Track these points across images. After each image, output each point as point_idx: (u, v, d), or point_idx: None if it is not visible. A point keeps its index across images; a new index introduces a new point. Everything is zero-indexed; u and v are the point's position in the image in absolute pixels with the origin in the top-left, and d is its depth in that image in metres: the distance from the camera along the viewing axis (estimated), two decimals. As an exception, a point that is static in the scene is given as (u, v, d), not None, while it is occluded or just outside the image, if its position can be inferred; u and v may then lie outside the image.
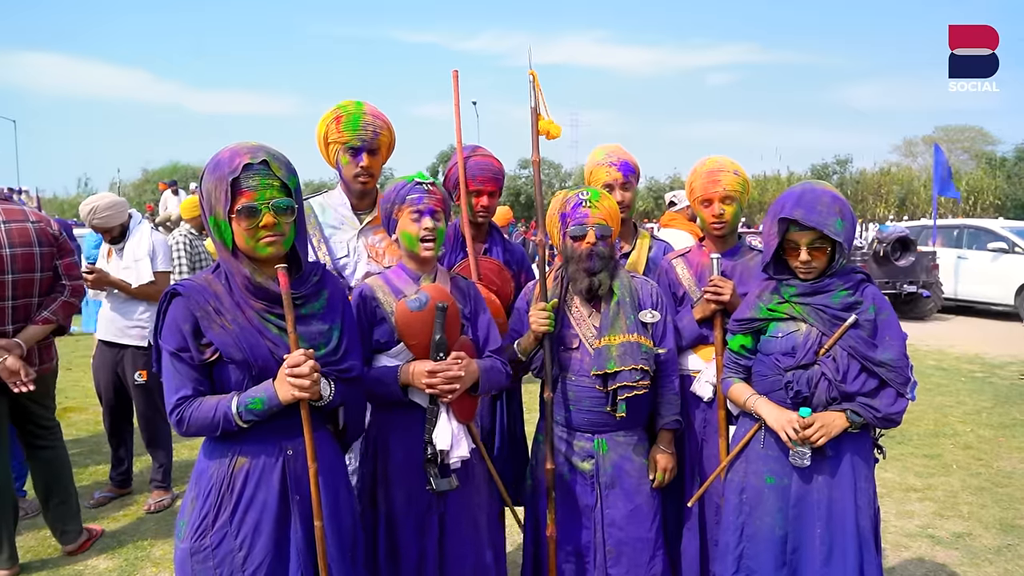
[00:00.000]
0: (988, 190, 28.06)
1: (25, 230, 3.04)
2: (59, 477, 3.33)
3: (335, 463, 1.85)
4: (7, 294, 2.98)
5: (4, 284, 2.96)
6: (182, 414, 1.66)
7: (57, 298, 3.13)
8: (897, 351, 1.99)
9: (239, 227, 1.65)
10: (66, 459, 3.40)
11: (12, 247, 2.98)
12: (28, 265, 3.02)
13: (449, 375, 1.97)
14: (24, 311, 3.05)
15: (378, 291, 2.13)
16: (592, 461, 2.30)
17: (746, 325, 2.17)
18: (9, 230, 3.00)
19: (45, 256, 3.08)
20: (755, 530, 2.10)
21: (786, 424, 2.00)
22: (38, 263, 3.05)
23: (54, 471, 3.32)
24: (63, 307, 3.13)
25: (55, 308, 3.11)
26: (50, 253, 3.10)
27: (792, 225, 2.01)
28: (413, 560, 2.06)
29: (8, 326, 3.01)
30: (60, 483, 3.33)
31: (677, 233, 4.02)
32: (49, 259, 3.10)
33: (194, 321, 1.66)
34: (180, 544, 1.72)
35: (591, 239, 2.26)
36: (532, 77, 2.38)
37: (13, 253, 2.98)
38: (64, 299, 3.14)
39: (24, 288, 3.02)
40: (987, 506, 4.00)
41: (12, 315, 3.02)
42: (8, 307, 3.00)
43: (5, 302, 2.99)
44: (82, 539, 3.42)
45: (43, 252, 3.07)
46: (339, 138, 2.39)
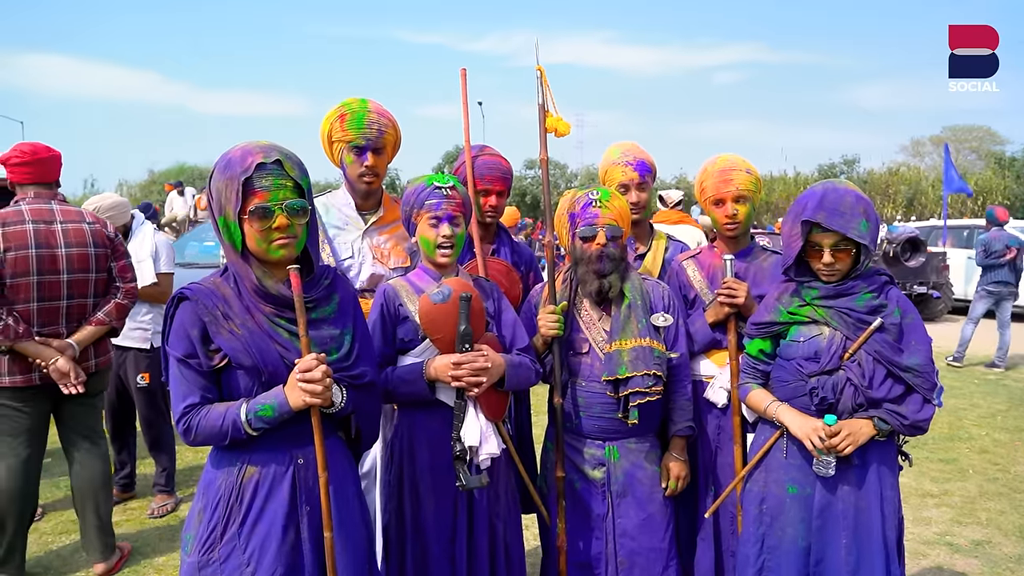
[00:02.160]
0: (997, 190, 27.87)
1: (81, 231, 3.05)
2: (93, 491, 3.19)
3: (347, 472, 1.79)
4: (62, 294, 2.99)
5: (60, 284, 2.98)
6: (189, 422, 1.60)
7: (111, 300, 3.14)
8: (924, 356, 1.92)
9: (251, 229, 1.60)
10: (104, 470, 3.26)
11: (68, 247, 2.99)
12: (83, 265, 3.03)
13: (475, 366, 1.94)
14: (79, 311, 3.06)
15: (401, 291, 2.11)
16: (603, 469, 2.24)
17: (765, 329, 2.10)
18: (66, 230, 3.01)
19: (100, 257, 3.10)
20: (777, 542, 2.03)
21: (812, 432, 1.92)
22: (93, 264, 3.07)
23: (88, 483, 3.19)
24: (116, 308, 3.14)
25: (109, 309, 3.12)
26: (104, 254, 3.12)
27: (815, 227, 1.94)
28: (446, 571, 2.03)
29: (63, 326, 3.02)
30: (93, 497, 3.19)
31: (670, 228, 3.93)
32: (104, 260, 3.12)
33: (202, 326, 1.60)
34: (187, 558, 1.65)
35: (601, 240, 2.19)
36: (539, 73, 2.33)
37: (69, 253, 2.99)
38: (117, 300, 3.15)
39: (79, 288, 3.04)
40: (1006, 512, 3.92)
41: (67, 315, 3.02)
42: (63, 307, 3.01)
43: (60, 302, 3.00)
44: (115, 557, 3.29)
45: (98, 253, 3.09)
46: (343, 136, 2.33)
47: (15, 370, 2.92)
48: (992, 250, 7.79)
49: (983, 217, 9.19)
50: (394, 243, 2.49)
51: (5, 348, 2.85)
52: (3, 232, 2.86)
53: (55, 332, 2.99)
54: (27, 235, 2.90)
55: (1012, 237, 7.81)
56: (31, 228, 2.92)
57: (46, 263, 2.93)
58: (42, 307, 2.95)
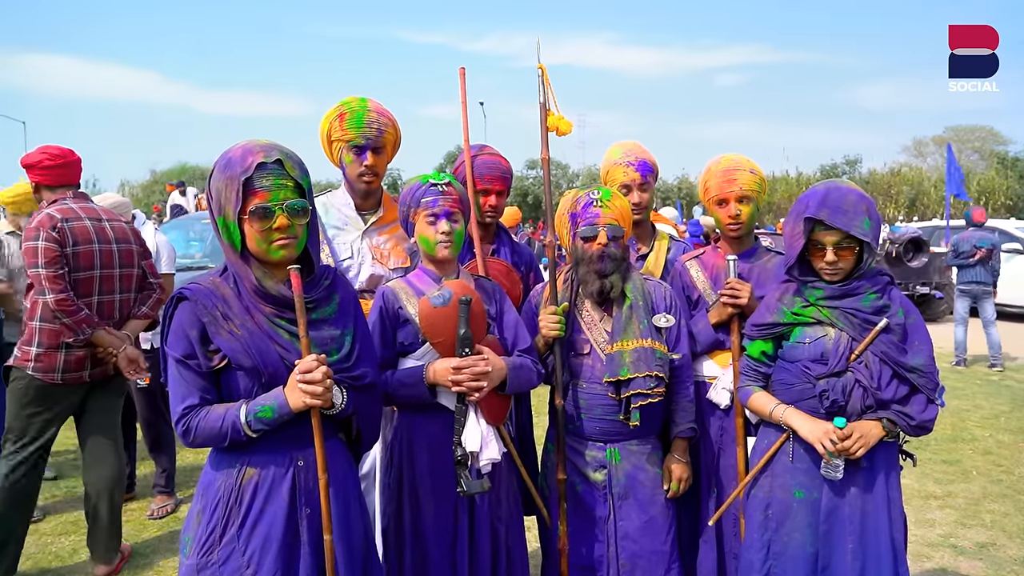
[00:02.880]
0: (1000, 191, 27.83)
1: (123, 228, 3.19)
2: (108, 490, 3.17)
3: (347, 474, 1.77)
4: (116, 287, 3.13)
5: (113, 278, 3.11)
6: (188, 424, 1.58)
7: (151, 295, 3.28)
8: (927, 356, 1.91)
9: (251, 229, 1.58)
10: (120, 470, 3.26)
11: (119, 243, 3.13)
12: (130, 261, 3.18)
13: (476, 371, 1.92)
14: (125, 306, 3.19)
15: (401, 293, 2.09)
16: (605, 471, 2.22)
17: (767, 330, 2.08)
18: (114, 227, 3.14)
19: (139, 254, 3.25)
20: (783, 547, 2.01)
21: (823, 436, 1.90)
22: (136, 259, 3.22)
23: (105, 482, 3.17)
24: (158, 303, 3.28)
25: (152, 303, 3.27)
26: (141, 251, 3.27)
27: (817, 225, 1.93)
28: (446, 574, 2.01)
29: (117, 318, 3.15)
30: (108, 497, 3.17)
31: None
32: (140, 257, 3.26)
33: (201, 327, 1.58)
34: (186, 560, 1.64)
35: (602, 240, 2.17)
36: (541, 71, 2.31)
37: (120, 249, 3.13)
38: (158, 296, 3.29)
39: (126, 283, 3.18)
40: (1010, 514, 3.89)
41: (120, 309, 3.16)
42: (117, 300, 3.15)
43: (115, 295, 3.14)
44: (116, 561, 3.27)
45: (137, 250, 3.24)
46: (343, 136, 2.31)
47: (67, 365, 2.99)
48: (960, 251, 7.95)
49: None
50: (394, 243, 2.47)
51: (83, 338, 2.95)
52: (70, 228, 2.95)
53: (113, 326, 3.11)
54: (88, 231, 3.01)
55: (982, 238, 7.92)
56: (90, 224, 3.03)
57: (104, 258, 3.06)
58: (102, 300, 3.08)
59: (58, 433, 3.16)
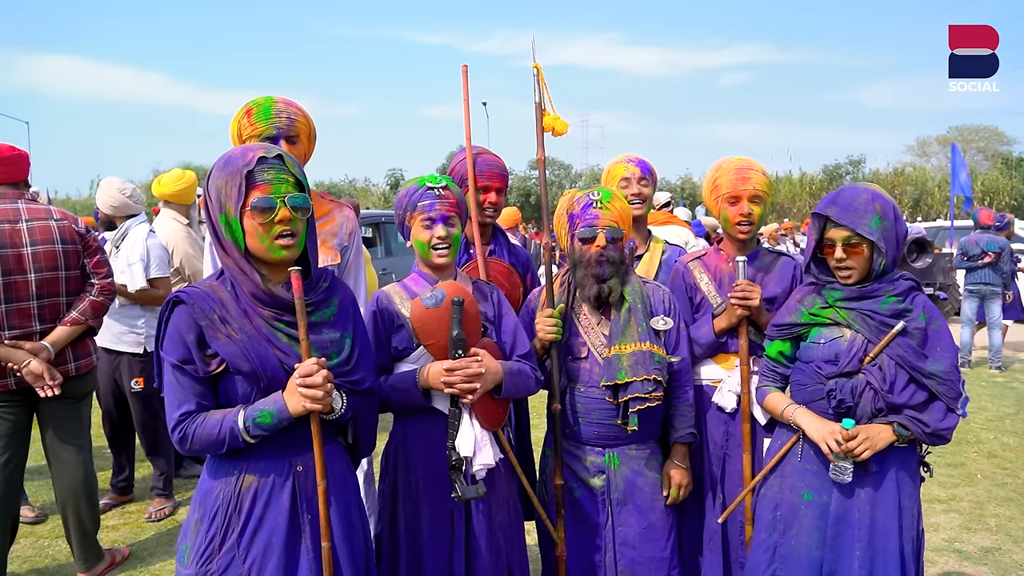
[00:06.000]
0: (1004, 191, 27.71)
1: (47, 228, 2.95)
2: (74, 498, 3.11)
3: (346, 480, 1.74)
4: (31, 293, 2.89)
5: (28, 283, 2.88)
6: (185, 431, 1.55)
7: (85, 297, 3.03)
8: (948, 363, 1.87)
9: (252, 223, 1.55)
10: (87, 477, 3.16)
11: (34, 245, 2.90)
12: (51, 263, 2.93)
13: (468, 372, 1.87)
14: (52, 311, 2.96)
15: (395, 297, 2.06)
16: (603, 476, 2.18)
17: (786, 331, 2.06)
18: (31, 228, 2.92)
19: (70, 254, 2.99)
20: (789, 550, 1.98)
21: (828, 436, 1.87)
22: (62, 261, 2.96)
23: (69, 491, 3.10)
24: (91, 306, 3.03)
25: (83, 307, 3.01)
26: (75, 251, 3.01)
27: (828, 222, 1.94)
28: None
29: (35, 326, 2.91)
30: (75, 505, 3.11)
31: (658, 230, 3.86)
32: (75, 257, 3.01)
33: (198, 331, 1.55)
34: (184, 570, 1.61)
35: (601, 242, 2.14)
36: (536, 70, 2.28)
37: (35, 251, 2.90)
38: (92, 298, 3.03)
39: (50, 287, 2.94)
40: (1015, 518, 3.85)
41: (39, 315, 2.92)
42: (34, 307, 2.91)
43: (30, 302, 2.90)
44: (101, 565, 3.23)
45: (67, 250, 2.98)
46: (253, 131, 2.26)
47: None
48: (970, 254, 7.92)
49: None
50: (321, 240, 2.42)
51: None
52: None
53: (28, 334, 2.89)
54: None
55: (991, 241, 7.87)
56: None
57: (12, 263, 2.84)
58: (11, 309, 2.86)
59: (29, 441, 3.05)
